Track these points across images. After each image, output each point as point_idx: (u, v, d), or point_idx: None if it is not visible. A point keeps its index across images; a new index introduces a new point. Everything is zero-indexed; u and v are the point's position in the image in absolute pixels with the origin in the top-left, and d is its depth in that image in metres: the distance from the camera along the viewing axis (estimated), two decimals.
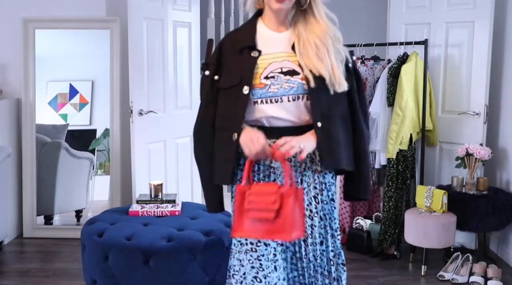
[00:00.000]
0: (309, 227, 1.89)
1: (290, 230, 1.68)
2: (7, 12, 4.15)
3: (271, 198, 1.71)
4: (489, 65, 3.67)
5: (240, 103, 1.81)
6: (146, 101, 3.82)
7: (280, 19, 1.88)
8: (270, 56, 1.85)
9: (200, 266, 2.67)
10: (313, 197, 1.90)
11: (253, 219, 1.71)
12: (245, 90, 1.80)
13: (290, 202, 1.70)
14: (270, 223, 1.69)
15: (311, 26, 1.84)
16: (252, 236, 1.75)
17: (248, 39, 1.88)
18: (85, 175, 4.40)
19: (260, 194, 1.73)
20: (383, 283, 3.30)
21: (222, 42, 1.97)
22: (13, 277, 3.36)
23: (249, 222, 1.71)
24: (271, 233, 1.69)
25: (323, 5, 1.88)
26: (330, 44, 1.83)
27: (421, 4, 3.98)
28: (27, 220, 4.14)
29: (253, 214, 1.72)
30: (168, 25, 4.01)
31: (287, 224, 1.68)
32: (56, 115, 4.52)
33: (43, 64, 4.22)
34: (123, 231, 2.77)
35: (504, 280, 3.26)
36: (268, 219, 1.69)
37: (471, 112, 3.76)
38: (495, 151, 3.72)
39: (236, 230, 1.74)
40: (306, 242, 1.90)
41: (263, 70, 1.83)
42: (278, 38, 1.89)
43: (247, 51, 1.86)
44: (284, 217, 1.68)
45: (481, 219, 3.37)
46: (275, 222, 1.68)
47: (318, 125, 1.81)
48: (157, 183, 3.25)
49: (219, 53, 1.92)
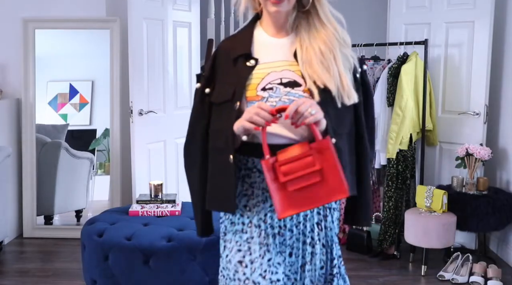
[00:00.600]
0: (309, 254, 1.68)
1: (343, 184, 1.48)
2: (7, 12, 4.15)
3: (307, 160, 1.49)
4: (489, 65, 3.67)
5: (233, 120, 1.56)
6: (146, 101, 3.82)
7: (279, 23, 1.65)
8: (268, 65, 1.61)
9: (200, 266, 2.67)
10: (316, 224, 1.68)
11: (297, 191, 1.49)
12: (238, 106, 1.57)
13: (330, 155, 1.49)
14: (319, 186, 1.48)
15: (315, 30, 1.61)
16: (306, 209, 1.51)
17: (243, 46, 1.65)
18: (85, 175, 4.40)
19: (293, 161, 1.50)
20: (383, 283, 3.30)
21: (217, 49, 1.74)
22: (13, 277, 3.36)
23: (295, 195, 1.48)
24: (327, 196, 1.48)
25: (329, 5, 1.64)
26: (338, 49, 1.60)
27: (421, 4, 3.98)
28: (27, 220, 4.14)
29: (295, 185, 1.49)
30: (168, 25, 4.02)
31: (338, 179, 1.48)
32: (56, 115, 4.53)
33: (43, 64, 4.22)
34: (123, 231, 2.77)
35: (504, 280, 3.26)
36: (315, 184, 1.49)
37: (471, 112, 3.76)
38: (495, 151, 3.72)
39: (283, 210, 1.49)
40: (303, 267, 1.68)
41: (260, 80, 1.59)
42: (278, 45, 1.66)
43: (242, 60, 1.62)
44: (331, 174, 1.48)
45: (481, 219, 3.37)
46: (324, 182, 1.48)
47: (333, 142, 1.55)
48: (157, 183, 3.25)
49: (213, 62, 1.69)
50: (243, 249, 1.63)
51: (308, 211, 1.65)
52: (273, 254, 1.63)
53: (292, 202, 1.48)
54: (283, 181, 1.48)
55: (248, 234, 1.63)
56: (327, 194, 1.48)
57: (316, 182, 1.48)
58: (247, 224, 1.64)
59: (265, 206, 1.63)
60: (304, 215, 1.66)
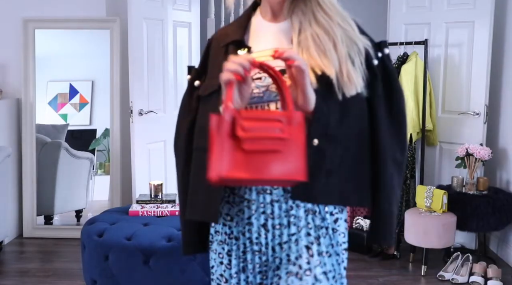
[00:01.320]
0: None
1: (304, 166, 1.21)
2: (7, 12, 4.15)
3: (275, 124, 1.21)
4: (489, 65, 3.67)
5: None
6: (146, 101, 3.82)
7: (276, 7, 1.45)
8: (262, 53, 1.38)
9: (200, 266, 2.67)
10: (305, 247, 1.36)
11: (251, 153, 1.18)
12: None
13: (300, 130, 1.23)
14: (278, 158, 1.19)
15: (311, 13, 1.39)
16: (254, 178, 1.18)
17: (235, 33, 1.46)
18: (85, 175, 4.40)
19: (259, 120, 1.22)
20: (383, 283, 3.30)
21: (210, 39, 1.56)
22: (13, 277, 3.36)
23: (246, 157, 1.18)
24: (280, 173, 1.19)
25: None
26: (339, 33, 1.37)
27: (421, 4, 3.98)
28: (27, 220, 4.14)
29: (252, 145, 1.18)
30: (168, 25, 4.02)
31: (301, 158, 1.21)
32: (56, 115, 4.53)
33: (43, 64, 4.22)
34: (123, 231, 2.77)
35: (504, 280, 3.26)
36: (274, 153, 1.19)
37: (471, 112, 3.76)
38: (495, 151, 3.72)
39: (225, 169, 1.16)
40: None
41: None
42: (274, 31, 1.45)
43: (233, 48, 1.43)
44: (294, 151, 1.21)
45: (481, 219, 3.37)
46: (284, 156, 1.20)
47: (314, 143, 1.30)
48: (157, 183, 3.25)
49: (206, 53, 1.53)
50: (224, 263, 1.45)
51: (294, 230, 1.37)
52: (250, 274, 1.42)
53: (240, 164, 1.17)
54: (240, 135, 1.18)
55: (229, 246, 1.44)
56: (282, 171, 1.19)
57: (276, 150, 1.19)
58: (228, 234, 1.44)
59: (243, 217, 1.41)
60: (289, 234, 1.37)
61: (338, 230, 1.42)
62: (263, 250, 1.40)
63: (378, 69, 1.41)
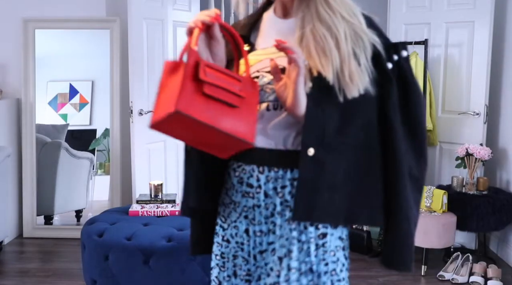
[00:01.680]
0: None
1: (254, 133, 1.18)
2: (7, 12, 4.15)
3: (235, 82, 1.19)
4: (489, 65, 3.67)
5: None
6: (146, 101, 3.82)
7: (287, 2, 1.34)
8: (265, 51, 1.33)
9: (200, 266, 2.67)
10: (278, 259, 1.25)
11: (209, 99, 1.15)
12: None
13: (256, 98, 1.22)
14: (231, 113, 1.17)
15: (315, 6, 1.25)
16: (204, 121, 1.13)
17: (243, 28, 1.39)
18: (85, 175, 4.40)
19: (221, 73, 1.19)
20: (383, 283, 3.30)
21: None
22: (13, 277, 3.36)
23: (203, 100, 1.14)
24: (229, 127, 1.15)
25: None
26: (342, 26, 1.23)
27: (421, 4, 3.98)
28: (27, 220, 4.14)
29: (212, 91, 1.15)
30: (168, 25, 4.02)
31: (253, 123, 1.18)
32: (56, 115, 4.53)
33: (43, 64, 4.22)
34: (123, 231, 2.77)
35: (504, 280, 3.26)
36: (230, 106, 1.17)
37: (471, 112, 3.76)
38: (495, 151, 3.72)
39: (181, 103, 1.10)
40: None
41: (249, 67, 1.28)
42: (282, 27, 1.34)
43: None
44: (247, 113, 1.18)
45: (481, 219, 3.37)
46: (237, 114, 1.17)
47: (309, 153, 1.18)
48: (157, 183, 3.25)
49: None
50: (219, 264, 1.40)
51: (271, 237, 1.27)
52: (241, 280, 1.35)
53: (197, 105, 1.13)
54: (202, 78, 1.14)
55: (223, 249, 1.38)
56: (234, 126, 1.16)
57: (233, 104, 1.17)
58: (222, 237, 1.39)
59: (232, 220, 1.36)
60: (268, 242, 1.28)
61: (326, 247, 1.24)
62: (246, 257, 1.34)
63: (394, 74, 1.27)
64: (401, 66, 1.29)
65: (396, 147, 1.25)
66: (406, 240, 1.28)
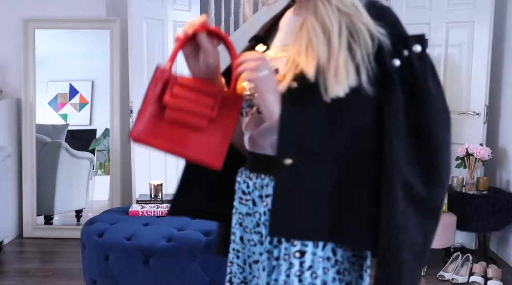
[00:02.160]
0: None
1: (223, 154, 1.11)
2: (7, 12, 4.15)
3: (207, 100, 1.11)
4: (489, 65, 3.67)
5: None
6: None
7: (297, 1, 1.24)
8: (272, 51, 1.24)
9: (200, 266, 2.67)
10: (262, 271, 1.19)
11: (171, 123, 1.11)
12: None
13: (234, 116, 1.13)
14: (197, 135, 1.11)
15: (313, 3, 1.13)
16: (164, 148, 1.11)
17: (262, 28, 1.30)
18: (85, 175, 4.40)
19: (193, 91, 1.12)
20: None
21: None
22: (13, 277, 3.36)
23: (164, 125, 1.11)
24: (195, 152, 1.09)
25: None
26: (337, 19, 1.08)
27: (421, 4, 3.98)
28: (27, 220, 4.14)
29: (174, 114, 1.10)
30: (168, 25, 4.02)
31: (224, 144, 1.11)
32: (56, 115, 4.53)
33: (43, 64, 4.22)
34: (123, 231, 2.77)
35: (504, 280, 3.26)
36: (196, 129, 1.11)
37: (471, 112, 3.76)
38: (495, 151, 3.72)
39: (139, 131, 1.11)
40: None
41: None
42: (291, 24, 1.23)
43: (254, 43, 1.28)
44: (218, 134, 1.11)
45: (481, 219, 3.37)
46: (205, 135, 1.11)
47: (286, 163, 1.05)
48: (157, 183, 3.25)
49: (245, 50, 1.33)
50: (229, 271, 1.33)
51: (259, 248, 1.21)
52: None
53: (159, 131, 1.11)
54: (166, 100, 1.10)
55: (231, 255, 1.31)
56: (197, 150, 1.10)
57: (199, 127, 1.11)
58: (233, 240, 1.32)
59: (232, 225, 1.30)
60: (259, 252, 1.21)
61: (304, 267, 1.09)
62: (242, 265, 1.28)
63: (400, 73, 1.08)
64: (412, 63, 1.09)
65: (391, 159, 1.05)
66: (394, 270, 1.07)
